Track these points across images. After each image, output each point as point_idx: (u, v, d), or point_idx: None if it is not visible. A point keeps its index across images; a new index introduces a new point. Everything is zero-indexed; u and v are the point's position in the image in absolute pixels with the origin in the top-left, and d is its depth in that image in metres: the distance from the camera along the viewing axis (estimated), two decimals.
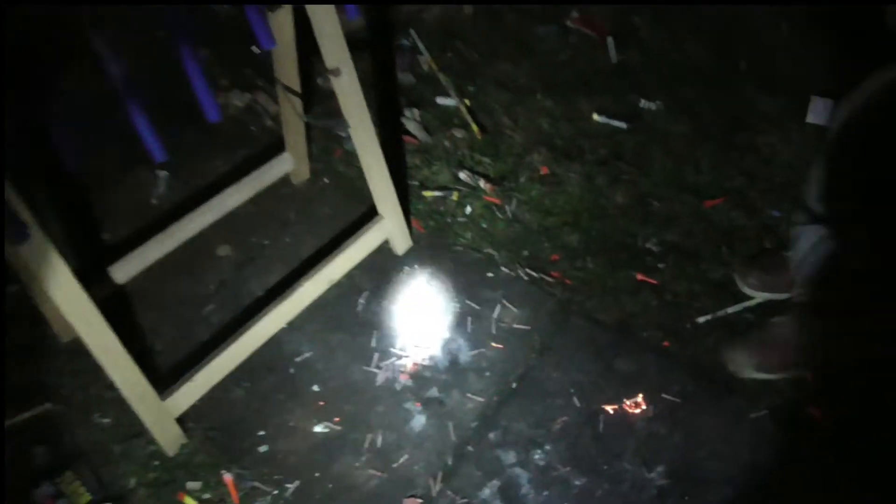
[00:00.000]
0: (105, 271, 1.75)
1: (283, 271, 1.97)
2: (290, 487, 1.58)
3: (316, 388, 1.74)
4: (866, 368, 1.61)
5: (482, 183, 2.08)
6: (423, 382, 1.72)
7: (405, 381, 1.73)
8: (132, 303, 1.89)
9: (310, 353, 1.80)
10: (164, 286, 1.95)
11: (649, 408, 1.64)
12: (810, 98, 2.15)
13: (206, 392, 1.66)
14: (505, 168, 2.14)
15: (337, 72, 1.58)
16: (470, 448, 1.61)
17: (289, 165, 2.10)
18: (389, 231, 1.90)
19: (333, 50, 1.56)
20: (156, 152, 1.34)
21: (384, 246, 1.94)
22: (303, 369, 1.77)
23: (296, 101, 1.83)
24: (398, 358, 1.77)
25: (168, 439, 1.63)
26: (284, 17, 1.63)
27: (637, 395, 1.65)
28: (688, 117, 2.23)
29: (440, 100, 2.32)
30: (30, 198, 1.24)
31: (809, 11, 2.35)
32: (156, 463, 1.64)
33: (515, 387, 1.70)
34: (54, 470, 1.58)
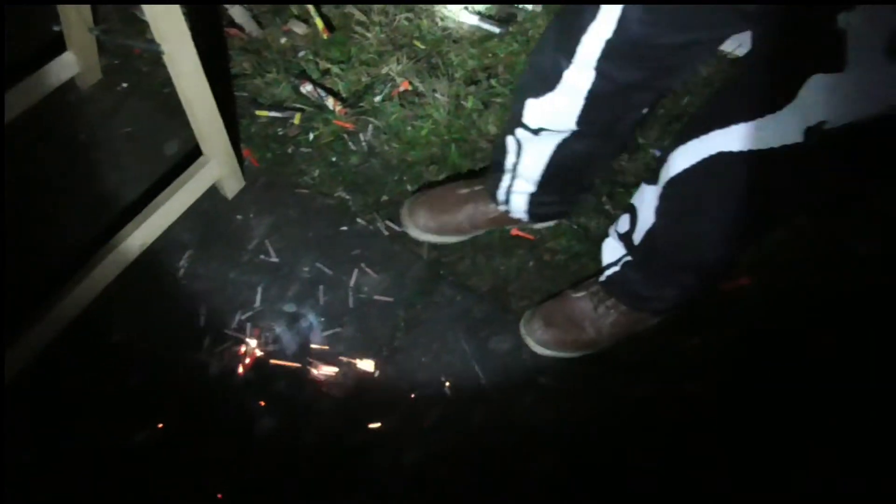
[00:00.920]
0: None
1: (73, 216, 1.53)
2: None
3: (134, 381, 1.39)
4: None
5: (330, 102, 1.70)
6: (268, 374, 1.43)
7: (246, 373, 1.43)
8: None
9: (123, 334, 1.43)
10: None
11: (527, 397, 1.47)
12: None
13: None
14: (357, 81, 1.75)
15: None
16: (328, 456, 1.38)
17: (73, 68, 1.59)
18: (217, 175, 1.51)
19: None
20: None
21: (210, 188, 1.54)
22: (117, 357, 1.41)
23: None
24: (235, 343, 1.45)
25: None
26: None
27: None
28: None
29: None
30: None
31: None
32: None
33: (377, 376, 1.46)
34: None
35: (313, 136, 1.68)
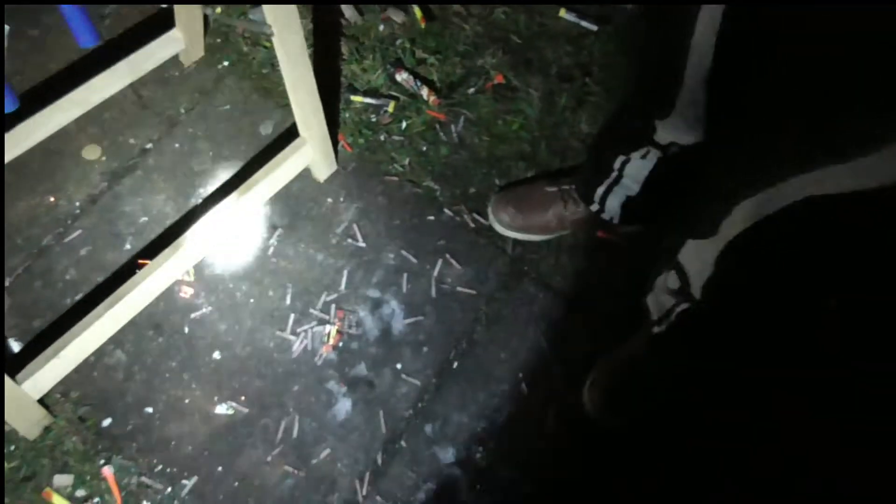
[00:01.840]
0: None
1: (170, 190, 1.58)
2: (187, 485, 1.33)
3: (217, 356, 1.43)
4: None
5: (424, 91, 1.71)
6: (349, 357, 1.45)
7: (327, 353, 1.45)
8: None
9: (208, 309, 1.47)
10: (12, 203, 1.53)
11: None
12: None
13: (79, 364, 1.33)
14: (452, 72, 1.76)
15: None
16: (403, 443, 1.39)
17: (178, 45, 1.64)
18: (312, 157, 1.53)
19: None
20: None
21: (303, 171, 1.57)
22: (200, 330, 1.45)
23: None
24: (319, 322, 1.47)
25: (27, 423, 1.31)
26: None
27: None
28: None
29: None
30: None
31: None
32: (12, 448, 1.32)
33: (456, 367, 1.46)
34: None
35: (406, 124, 1.69)
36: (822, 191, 0.94)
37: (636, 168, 1.36)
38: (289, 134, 1.52)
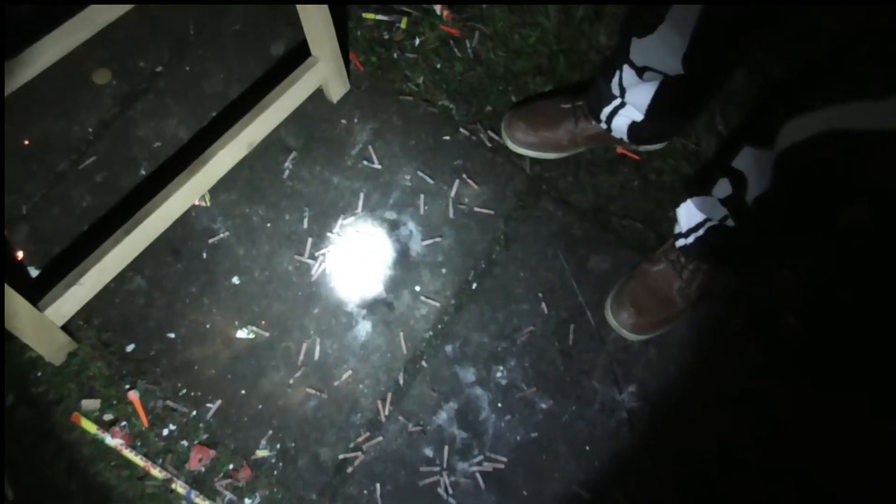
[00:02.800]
0: None
1: (182, 113, 1.55)
2: (211, 408, 1.35)
3: (236, 280, 1.43)
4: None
5: (437, 6, 1.65)
6: (368, 279, 1.44)
7: (347, 276, 1.44)
8: None
9: (226, 234, 1.46)
10: (25, 129, 1.51)
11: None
12: None
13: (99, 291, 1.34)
14: None
15: None
16: (423, 364, 1.40)
17: None
18: (324, 77, 1.49)
19: None
20: None
21: (315, 92, 1.53)
22: (218, 254, 1.45)
23: None
24: (337, 245, 1.46)
25: (52, 349, 1.32)
26: None
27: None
28: None
29: None
30: None
31: None
32: (38, 374, 1.34)
33: (475, 287, 1.45)
34: None
35: (419, 41, 1.63)
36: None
37: (638, 94, 1.33)
38: (300, 53, 1.48)
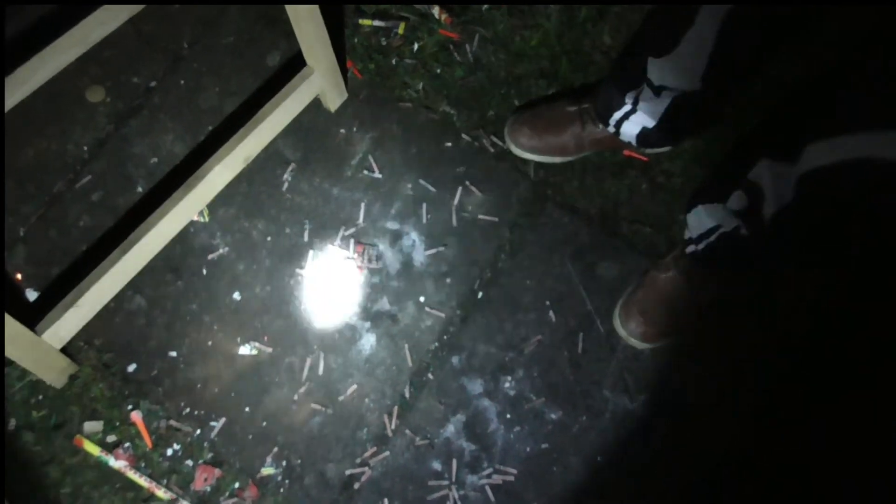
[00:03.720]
0: None
1: (178, 129, 1.53)
2: (216, 426, 1.32)
3: (237, 297, 1.41)
4: None
5: (436, 10, 1.62)
6: (370, 291, 1.42)
7: (350, 289, 1.42)
8: None
9: (225, 249, 1.44)
10: (21, 149, 1.49)
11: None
12: None
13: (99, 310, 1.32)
14: None
15: None
16: (430, 376, 1.37)
17: None
18: (320, 86, 1.46)
19: None
20: None
21: (313, 102, 1.51)
22: (218, 271, 1.43)
23: None
24: (339, 258, 1.44)
25: (53, 373, 1.30)
26: None
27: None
28: None
29: None
30: None
31: None
32: (40, 398, 1.33)
33: (481, 297, 1.42)
34: None
35: (418, 46, 1.61)
36: None
37: (651, 105, 1.31)
38: (296, 63, 1.45)
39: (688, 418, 1.36)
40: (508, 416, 1.35)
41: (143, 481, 1.28)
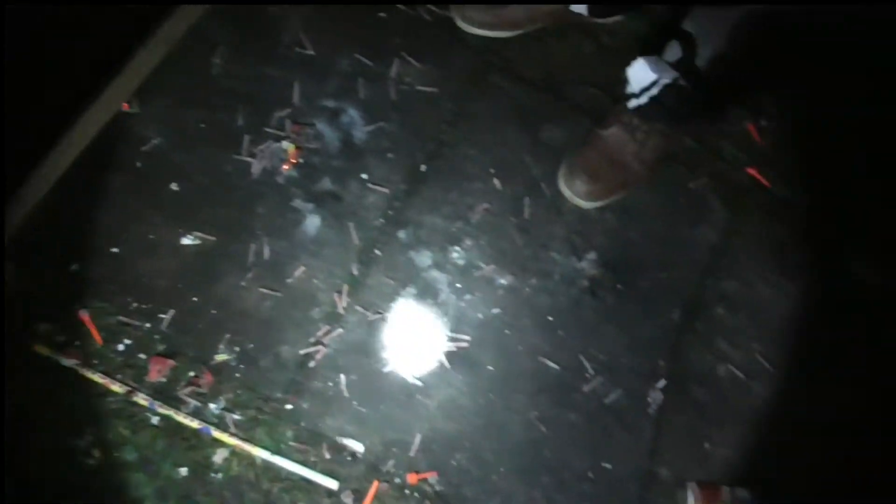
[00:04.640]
0: None
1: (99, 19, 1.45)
2: (165, 318, 1.31)
3: (175, 188, 1.37)
4: None
5: None
6: (311, 172, 1.39)
7: (288, 171, 1.39)
8: None
9: (159, 139, 1.39)
10: None
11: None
12: None
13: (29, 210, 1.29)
14: None
15: None
16: (377, 252, 1.36)
17: None
18: None
19: None
20: None
21: None
22: (154, 162, 1.38)
23: None
24: (275, 140, 1.40)
25: None
26: None
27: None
28: None
29: None
30: None
31: None
32: None
33: (425, 170, 1.40)
34: None
35: None
36: None
37: None
38: None
39: (638, 272, 1.37)
40: (459, 285, 1.35)
41: (97, 377, 1.28)
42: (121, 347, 1.30)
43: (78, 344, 1.29)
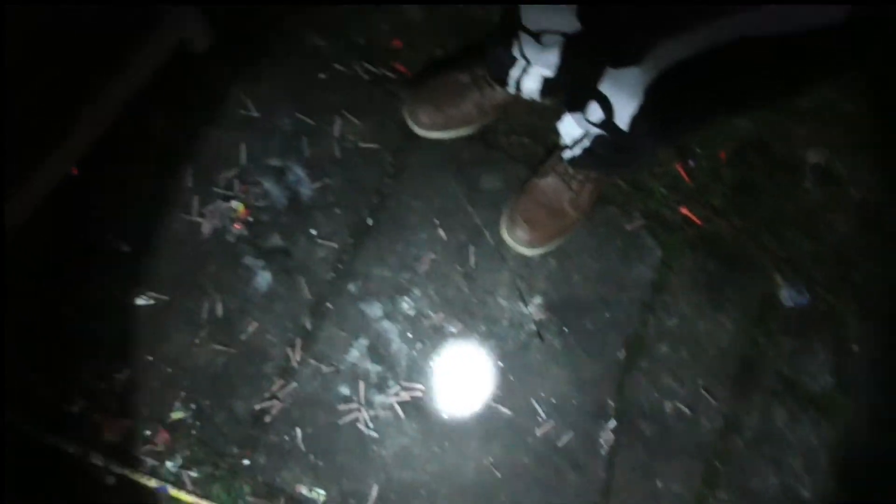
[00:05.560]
0: None
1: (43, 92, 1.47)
2: (120, 377, 1.32)
3: (126, 249, 1.39)
4: None
5: None
6: (261, 229, 1.42)
7: (238, 230, 1.42)
8: None
9: (108, 200, 1.41)
10: None
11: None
12: None
13: None
14: None
15: None
16: (329, 305, 1.39)
17: None
18: (187, 26, 1.43)
19: None
20: None
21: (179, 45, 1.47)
22: (101, 226, 1.40)
23: None
24: (224, 199, 1.43)
25: None
26: None
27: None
28: None
29: None
30: None
31: None
32: None
33: (371, 223, 1.45)
34: None
35: None
36: (757, 33, 0.89)
37: (541, 55, 1.25)
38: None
39: (582, 313, 1.43)
40: (409, 334, 1.39)
41: (49, 439, 1.28)
42: (75, 409, 1.30)
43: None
